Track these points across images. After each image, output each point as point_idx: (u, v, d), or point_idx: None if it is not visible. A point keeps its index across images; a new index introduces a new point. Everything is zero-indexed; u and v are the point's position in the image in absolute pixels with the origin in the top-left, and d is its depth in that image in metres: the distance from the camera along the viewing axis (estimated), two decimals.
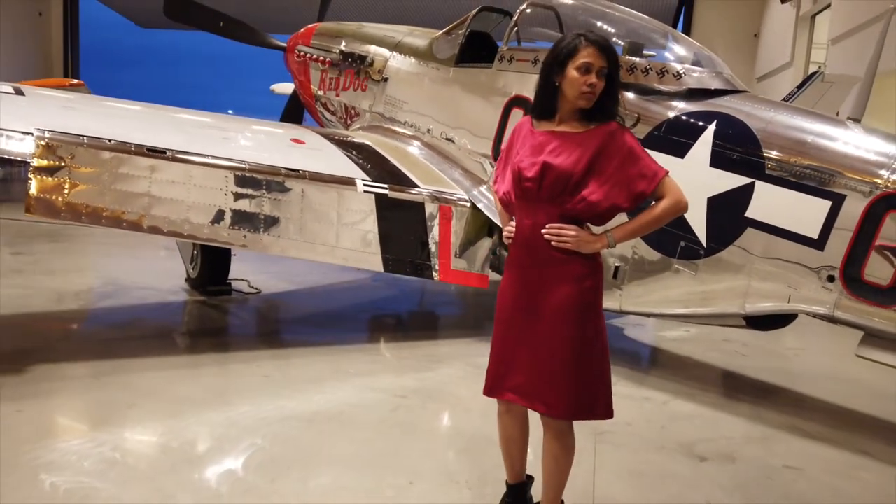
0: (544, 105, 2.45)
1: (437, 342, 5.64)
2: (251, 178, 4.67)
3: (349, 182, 5.01)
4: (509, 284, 2.52)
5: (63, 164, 4.16)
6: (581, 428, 3.69)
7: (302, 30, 8.18)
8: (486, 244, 5.40)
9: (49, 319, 5.39)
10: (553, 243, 2.39)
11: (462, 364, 4.71)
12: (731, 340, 5.86)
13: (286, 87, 9.44)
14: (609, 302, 4.91)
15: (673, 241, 4.47)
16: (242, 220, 4.61)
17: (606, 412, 2.48)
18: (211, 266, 6.17)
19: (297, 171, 4.86)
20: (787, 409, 4.40)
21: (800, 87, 9.80)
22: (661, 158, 4.48)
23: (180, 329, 5.54)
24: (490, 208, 5.27)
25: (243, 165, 4.70)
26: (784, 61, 14.64)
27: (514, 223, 2.50)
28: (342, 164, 5.24)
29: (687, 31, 17.27)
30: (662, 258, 4.57)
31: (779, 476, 3.40)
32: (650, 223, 2.46)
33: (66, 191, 4.17)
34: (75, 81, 13.51)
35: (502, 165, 2.57)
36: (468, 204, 5.37)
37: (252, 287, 6.41)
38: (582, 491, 3.06)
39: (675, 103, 4.65)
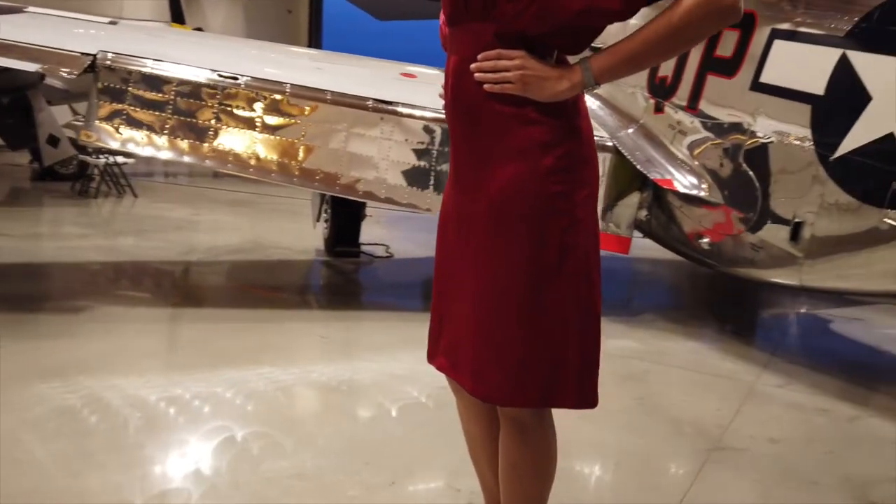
0: None
1: None
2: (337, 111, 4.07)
3: None
4: (448, 177, 1.52)
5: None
6: (687, 439, 2.56)
7: None
8: (631, 200, 4.28)
9: (153, 269, 5.25)
10: (486, 87, 1.35)
11: None
12: None
13: None
14: (787, 275, 3.55)
15: (880, 181, 3.03)
16: (323, 159, 4.02)
17: (582, 398, 1.37)
18: (339, 227, 5.72)
19: (391, 102, 4.15)
20: None
21: None
22: (871, 60, 3.14)
23: (262, 284, 5.07)
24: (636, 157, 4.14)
25: (328, 96, 4.10)
26: None
27: None
28: None
29: None
30: (864, 208, 3.13)
31: None
32: (663, 39, 1.28)
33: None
34: None
35: None
36: (611, 150, 4.26)
37: (388, 252, 5.86)
38: None
39: None
